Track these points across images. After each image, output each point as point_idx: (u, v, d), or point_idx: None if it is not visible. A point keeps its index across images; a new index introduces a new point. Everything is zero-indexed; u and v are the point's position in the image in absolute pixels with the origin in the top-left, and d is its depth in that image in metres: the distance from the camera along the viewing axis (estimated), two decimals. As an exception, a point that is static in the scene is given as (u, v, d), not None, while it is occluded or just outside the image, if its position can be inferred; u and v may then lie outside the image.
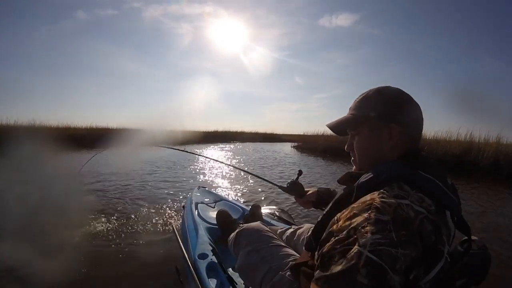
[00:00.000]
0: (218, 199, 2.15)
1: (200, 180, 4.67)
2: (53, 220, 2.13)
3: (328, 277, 0.43)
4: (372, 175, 0.54)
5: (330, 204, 0.59)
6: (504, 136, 7.01)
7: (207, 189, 2.44)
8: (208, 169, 5.98)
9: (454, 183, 0.58)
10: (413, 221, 0.44)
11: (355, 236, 0.43)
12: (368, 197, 0.49)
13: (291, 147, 15.11)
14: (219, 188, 4.02)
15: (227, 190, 3.94)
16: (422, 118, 0.64)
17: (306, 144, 13.68)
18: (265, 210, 2.00)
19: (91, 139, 10.20)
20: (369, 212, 0.45)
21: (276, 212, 2.10)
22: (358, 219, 0.45)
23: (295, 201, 1.18)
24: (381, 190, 0.49)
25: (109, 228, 2.38)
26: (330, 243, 0.47)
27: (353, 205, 0.50)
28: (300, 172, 1.21)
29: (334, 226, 0.50)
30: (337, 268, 0.42)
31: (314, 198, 1.07)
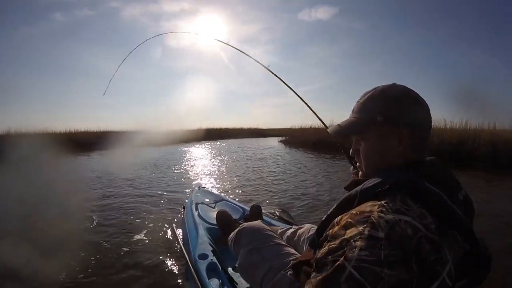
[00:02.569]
0: (218, 199, 2.15)
1: (200, 180, 4.67)
2: (52, 221, 2.13)
3: (313, 283, 0.45)
4: (376, 182, 0.52)
5: (334, 206, 0.58)
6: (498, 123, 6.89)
7: (207, 189, 2.44)
8: (208, 169, 5.98)
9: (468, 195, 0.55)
10: (409, 241, 0.42)
11: (345, 249, 0.43)
12: (368, 207, 0.47)
13: (279, 142, 14.35)
14: (219, 188, 4.02)
15: (227, 190, 3.94)
16: (431, 117, 0.60)
17: (294, 138, 12.85)
18: (265, 210, 2.00)
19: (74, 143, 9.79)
20: (364, 225, 0.44)
21: (276, 212, 2.10)
22: (353, 231, 0.45)
23: (292, 203, 1.11)
24: (382, 202, 0.47)
25: (109, 229, 2.38)
26: (323, 249, 0.47)
27: (352, 211, 0.49)
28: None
29: (331, 231, 0.50)
30: (323, 276, 0.44)
31: None
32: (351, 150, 0.66)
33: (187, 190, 3.63)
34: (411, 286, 0.41)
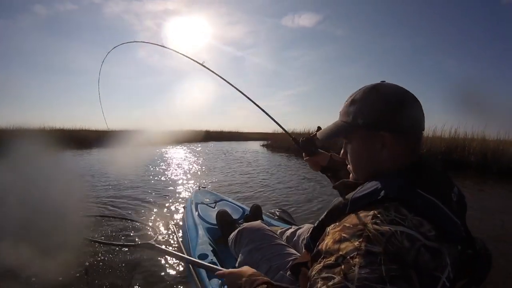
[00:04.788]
0: (219, 199, 2.15)
1: (200, 180, 4.67)
2: (52, 221, 2.13)
3: None
4: (367, 192, 0.50)
5: (325, 213, 0.57)
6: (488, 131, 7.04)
7: (207, 189, 2.44)
8: (208, 169, 5.98)
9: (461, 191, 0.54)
10: (407, 253, 0.41)
11: (342, 266, 0.42)
12: (361, 218, 0.46)
13: (261, 145, 14.03)
14: (219, 188, 4.02)
15: (227, 189, 3.94)
16: (423, 119, 0.56)
17: (277, 142, 12.53)
18: (265, 210, 2.00)
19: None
20: (359, 240, 0.42)
21: (276, 212, 2.09)
22: (348, 247, 0.43)
23: (293, 202, 1.13)
24: (376, 213, 0.45)
25: (108, 228, 2.38)
26: (319, 265, 0.46)
27: (344, 223, 0.47)
28: (318, 128, 1.13)
29: (324, 244, 0.48)
30: None
31: (325, 163, 1.00)
32: (341, 153, 0.65)
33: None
34: None
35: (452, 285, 0.49)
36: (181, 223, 2.21)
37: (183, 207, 2.19)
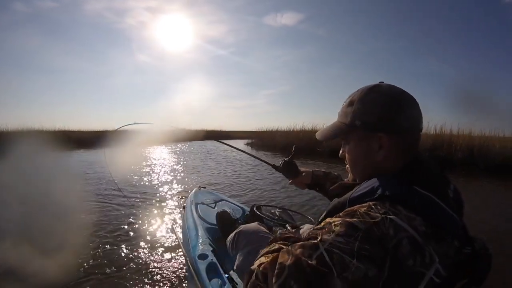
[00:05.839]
0: (219, 199, 2.15)
1: (201, 180, 4.67)
2: (52, 221, 2.13)
3: (292, 249, 0.46)
4: (364, 191, 0.51)
5: (324, 213, 0.57)
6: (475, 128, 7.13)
7: (207, 189, 2.44)
8: (208, 169, 5.98)
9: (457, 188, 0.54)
10: (388, 240, 0.42)
11: (325, 229, 0.45)
12: (356, 207, 0.48)
13: (245, 144, 13.72)
14: (219, 188, 4.02)
15: (227, 189, 3.94)
16: (420, 119, 0.57)
17: (262, 141, 12.46)
18: (265, 210, 1.99)
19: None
20: (349, 217, 0.45)
21: (276, 212, 2.09)
22: (338, 219, 0.46)
23: (294, 202, 1.13)
24: (371, 204, 0.47)
25: (108, 229, 2.39)
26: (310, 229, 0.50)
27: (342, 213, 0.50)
28: (294, 150, 1.10)
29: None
30: (302, 243, 0.46)
31: (309, 181, 1.02)
32: (340, 153, 0.65)
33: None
34: (376, 282, 0.41)
35: (451, 284, 0.49)
36: (181, 223, 2.21)
37: (183, 207, 2.19)
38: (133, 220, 2.59)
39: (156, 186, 4.16)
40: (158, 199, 3.35)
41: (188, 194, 2.37)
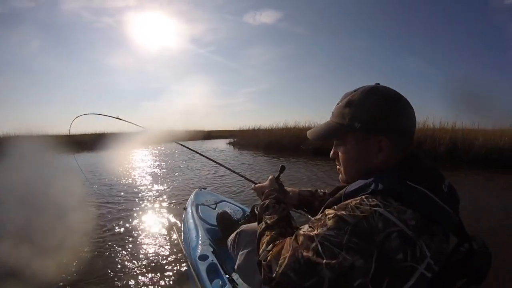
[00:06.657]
0: (219, 200, 2.15)
1: (201, 181, 4.67)
2: (52, 221, 2.14)
3: (291, 242, 0.52)
4: (358, 186, 0.52)
5: (322, 208, 0.58)
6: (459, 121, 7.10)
7: (208, 190, 2.44)
8: (208, 169, 5.98)
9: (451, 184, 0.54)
10: (377, 234, 0.43)
11: (321, 222, 0.50)
12: (349, 200, 0.50)
13: (227, 144, 13.27)
14: (218, 189, 4.02)
15: (227, 189, 3.94)
16: (415, 121, 0.57)
17: (244, 140, 11.97)
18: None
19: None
20: (344, 209, 0.48)
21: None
22: (332, 212, 0.50)
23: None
24: (363, 197, 0.48)
25: (109, 229, 2.39)
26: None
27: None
28: (282, 169, 1.04)
29: None
30: (302, 235, 0.51)
31: (296, 201, 0.99)
32: (331, 153, 0.64)
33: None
34: (365, 274, 0.43)
35: (451, 283, 0.49)
36: (181, 223, 2.22)
37: (184, 208, 2.19)
38: (133, 221, 2.60)
39: (156, 186, 4.16)
40: (158, 200, 3.35)
41: (189, 195, 2.37)
